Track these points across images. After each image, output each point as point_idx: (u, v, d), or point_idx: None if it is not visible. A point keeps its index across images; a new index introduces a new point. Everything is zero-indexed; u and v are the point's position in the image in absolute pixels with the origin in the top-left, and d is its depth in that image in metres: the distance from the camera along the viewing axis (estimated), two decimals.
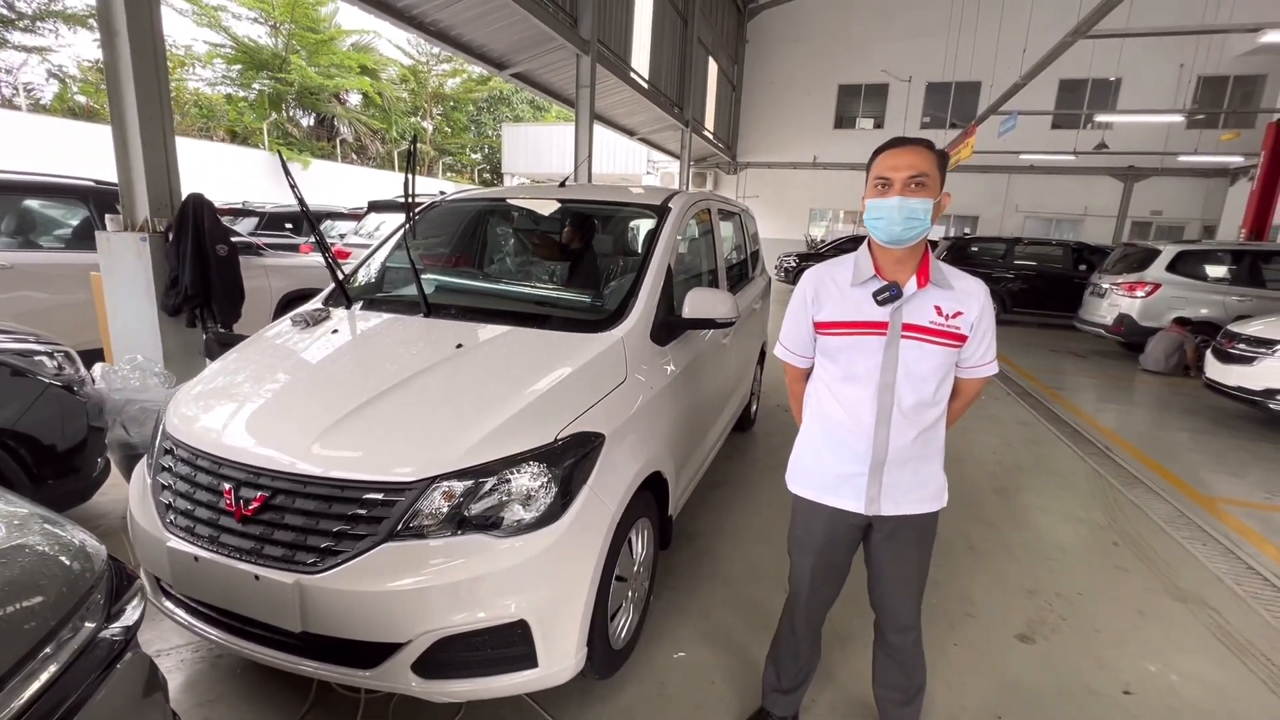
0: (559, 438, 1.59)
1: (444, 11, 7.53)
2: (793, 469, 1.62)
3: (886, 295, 1.39)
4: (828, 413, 1.50)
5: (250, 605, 1.48)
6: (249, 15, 19.51)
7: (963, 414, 1.60)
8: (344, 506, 1.45)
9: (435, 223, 3.06)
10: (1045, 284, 11.08)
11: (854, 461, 1.47)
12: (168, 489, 1.63)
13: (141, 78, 3.40)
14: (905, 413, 1.42)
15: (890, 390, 1.42)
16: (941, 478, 1.53)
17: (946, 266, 1.45)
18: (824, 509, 1.53)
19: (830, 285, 1.48)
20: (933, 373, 1.42)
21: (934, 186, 1.36)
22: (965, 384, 1.52)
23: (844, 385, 1.47)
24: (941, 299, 1.41)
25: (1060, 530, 3.20)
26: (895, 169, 1.35)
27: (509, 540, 1.47)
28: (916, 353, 1.40)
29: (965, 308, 1.41)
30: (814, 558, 1.58)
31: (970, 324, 1.41)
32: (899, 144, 1.38)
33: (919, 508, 1.49)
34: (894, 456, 1.44)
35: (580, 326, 2.06)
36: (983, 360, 1.48)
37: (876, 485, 1.46)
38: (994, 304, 7.57)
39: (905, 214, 1.34)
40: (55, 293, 4.21)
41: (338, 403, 1.63)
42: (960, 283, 1.44)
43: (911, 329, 1.40)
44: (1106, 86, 17.14)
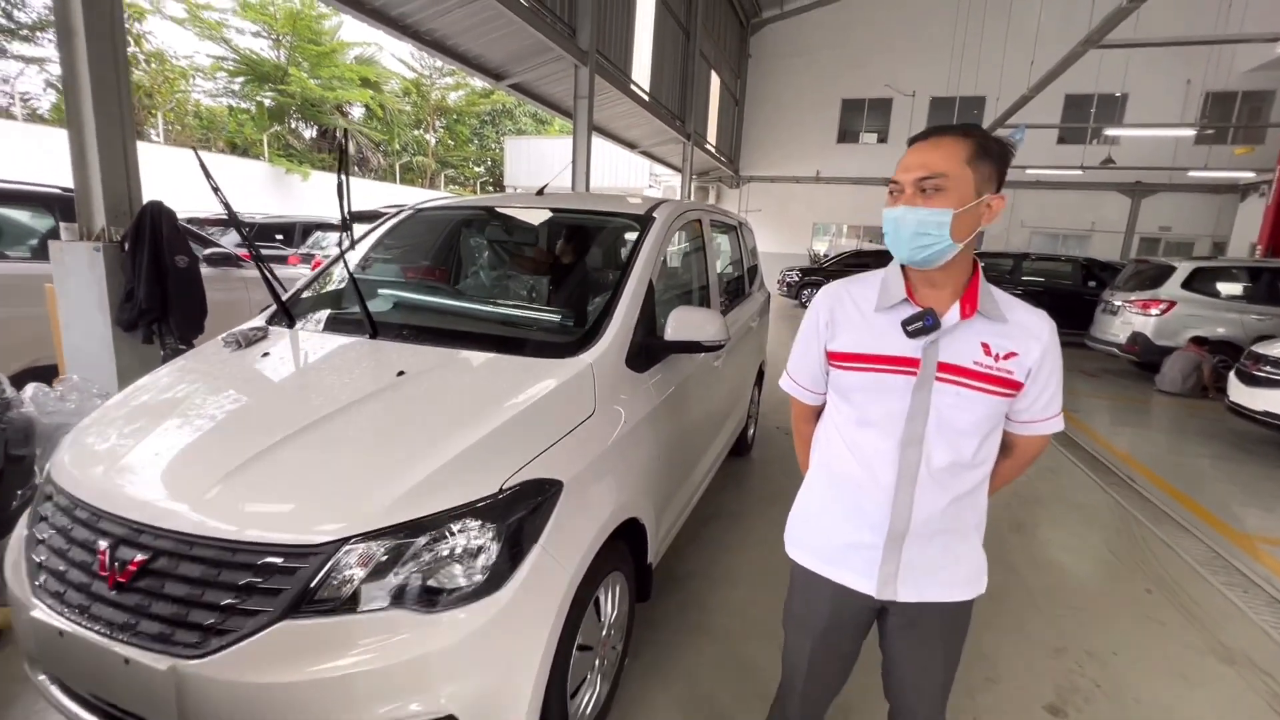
0: (504, 487, 1.32)
1: (440, 21, 7.38)
2: (792, 530, 1.33)
3: (919, 325, 1.09)
4: (838, 465, 1.21)
5: (120, 695, 1.22)
6: (251, 29, 19.59)
7: (1014, 478, 1.29)
8: (235, 574, 1.18)
9: (407, 233, 2.83)
10: (1054, 301, 10.77)
11: (868, 529, 1.17)
12: (42, 543, 1.38)
13: (99, 78, 3.19)
14: (935, 474, 1.12)
15: (918, 445, 1.12)
16: (979, 558, 1.21)
17: (1003, 294, 1.14)
18: (828, 584, 1.24)
19: (849, 307, 1.19)
20: (974, 427, 1.11)
21: (957, 190, 1.05)
22: (1021, 442, 1.21)
23: (859, 432, 1.17)
24: (991, 334, 1.10)
25: (1086, 574, 2.91)
26: (905, 169, 1.09)
27: (439, 616, 1.20)
28: (954, 400, 1.10)
29: (1022, 348, 1.10)
30: (814, 640, 1.29)
31: (1028, 369, 1.10)
32: (925, 136, 1.10)
33: (947, 594, 1.18)
34: (918, 528, 1.14)
35: (545, 350, 1.81)
36: (1044, 414, 1.16)
37: (893, 562, 1.16)
38: None
39: (912, 227, 1.06)
40: (14, 305, 3.97)
41: (246, 443, 1.37)
42: (1018, 315, 1.12)
43: (950, 370, 1.10)
44: (1113, 102, 16.96)
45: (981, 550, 1.22)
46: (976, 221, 1.07)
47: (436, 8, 6.96)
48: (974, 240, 1.09)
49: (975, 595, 1.20)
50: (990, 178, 1.07)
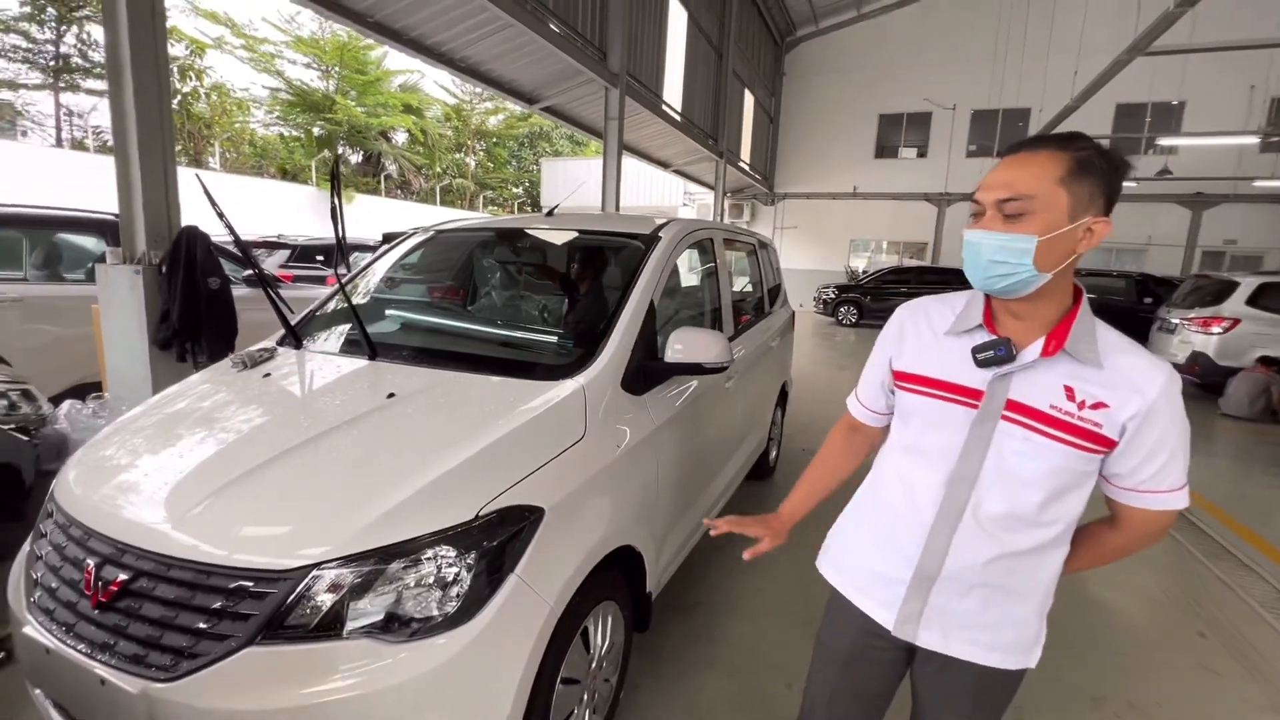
0: (480, 514, 1.29)
1: (473, 48, 7.61)
2: (828, 545, 1.26)
3: (990, 355, 0.98)
4: (884, 490, 1.14)
5: (97, 714, 1.23)
6: (303, 61, 20.66)
7: (1116, 559, 1.11)
8: (208, 597, 1.18)
9: (430, 254, 2.88)
10: (1106, 318, 10.17)
11: (898, 562, 1.08)
12: (40, 560, 1.41)
13: (144, 112, 3.38)
14: (984, 521, 1.00)
15: (968, 485, 1.01)
16: (1035, 628, 1.06)
17: (1109, 332, 0.99)
18: (855, 611, 1.16)
19: (922, 325, 1.11)
20: (1040, 479, 0.98)
21: (1047, 213, 0.92)
22: (1127, 513, 1.03)
23: (909, 460, 1.09)
24: (1079, 378, 0.96)
25: (1131, 614, 2.69)
26: (987, 187, 0.97)
27: (409, 645, 1.17)
28: (1020, 445, 0.97)
29: (1116, 399, 0.94)
30: (837, 671, 1.21)
31: (1122, 425, 0.94)
32: (1018, 148, 0.97)
33: (983, 656, 1.05)
34: (953, 574, 1.03)
35: (537, 373, 1.78)
36: (1154, 486, 0.97)
37: (917, 602, 1.06)
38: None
39: (989, 254, 0.95)
40: (66, 325, 4.22)
41: (230, 466, 1.38)
42: (1122, 360, 0.96)
43: (1019, 410, 0.98)
44: (1169, 110, 16.23)
45: (1041, 620, 1.07)
46: (1071, 249, 0.93)
47: (469, 36, 7.19)
48: (1068, 269, 0.96)
49: (1019, 667, 1.07)
50: (1094, 198, 0.93)
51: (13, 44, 15.63)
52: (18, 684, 1.88)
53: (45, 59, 16.13)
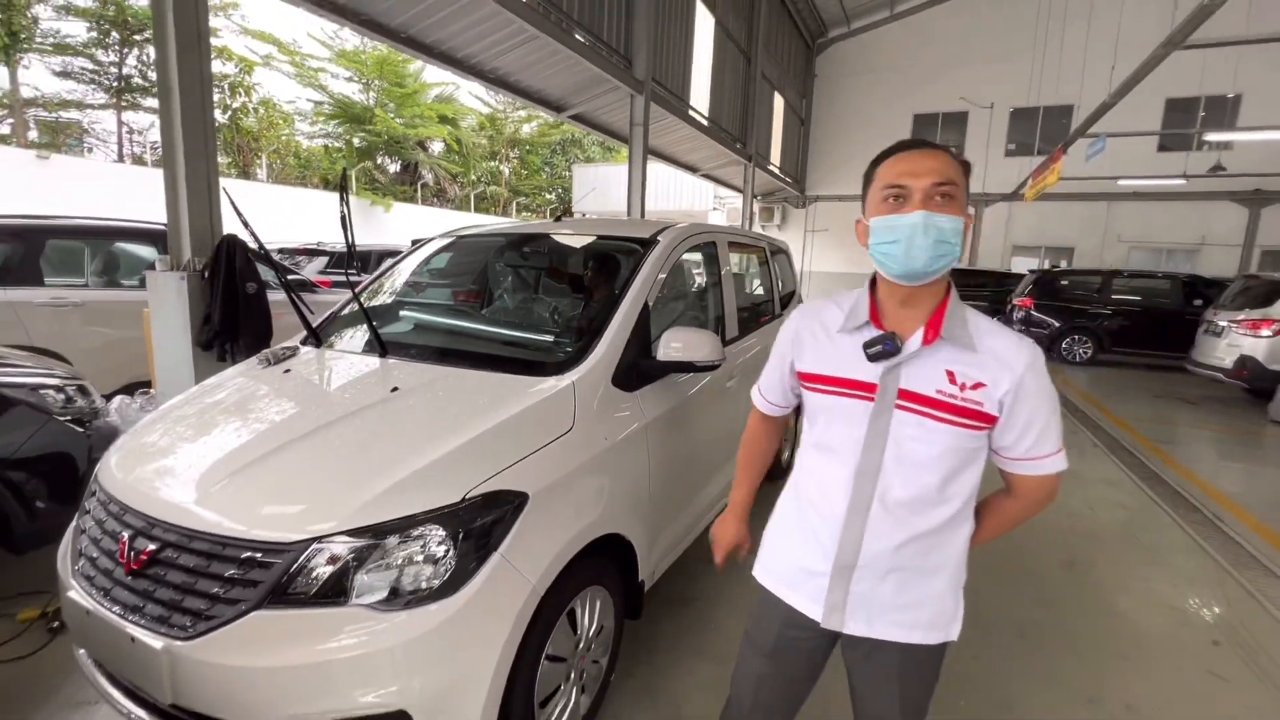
0: (467, 497, 1.40)
1: (501, 60, 7.85)
2: (761, 548, 1.32)
3: (879, 349, 1.04)
4: (803, 488, 1.20)
5: (127, 668, 1.38)
6: (344, 74, 21.51)
7: (1016, 524, 1.19)
8: (222, 566, 1.32)
9: (450, 258, 3.04)
10: (1150, 321, 9.89)
11: (819, 556, 1.14)
12: (84, 533, 1.58)
13: (190, 128, 3.64)
14: (891, 508, 1.07)
15: (873, 476, 1.07)
16: (951, 603, 1.12)
17: (978, 317, 1.08)
18: (780, 604, 1.22)
19: (816, 327, 1.18)
20: (937, 460, 1.05)
21: (963, 202, 1.03)
22: (1016, 482, 1.13)
23: (820, 457, 1.16)
24: (958, 362, 1.04)
25: (1143, 619, 2.64)
26: (914, 174, 1.01)
27: (395, 615, 1.29)
28: (915, 430, 1.05)
29: (991, 378, 1.03)
30: (764, 663, 1.27)
31: (999, 401, 1.03)
32: (916, 146, 1.04)
33: (904, 635, 1.11)
34: (869, 561, 1.09)
35: (531, 369, 1.89)
36: (1035, 452, 1.06)
37: (840, 592, 1.12)
38: (1089, 343, 6.70)
39: (933, 235, 0.99)
40: (120, 328, 4.55)
41: (246, 451, 1.53)
42: (992, 342, 1.05)
43: (911, 398, 1.05)
44: (1223, 104, 15.51)
45: (956, 595, 1.13)
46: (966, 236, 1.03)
47: (498, 48, 7.42)
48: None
49: (940, 641, 1.13)
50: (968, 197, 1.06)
51: (81, 67, 16.76)
52: (71, 650, 2.08)
53: (109, 80, 17.22)
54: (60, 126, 17.60)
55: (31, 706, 1.88)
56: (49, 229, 4.61)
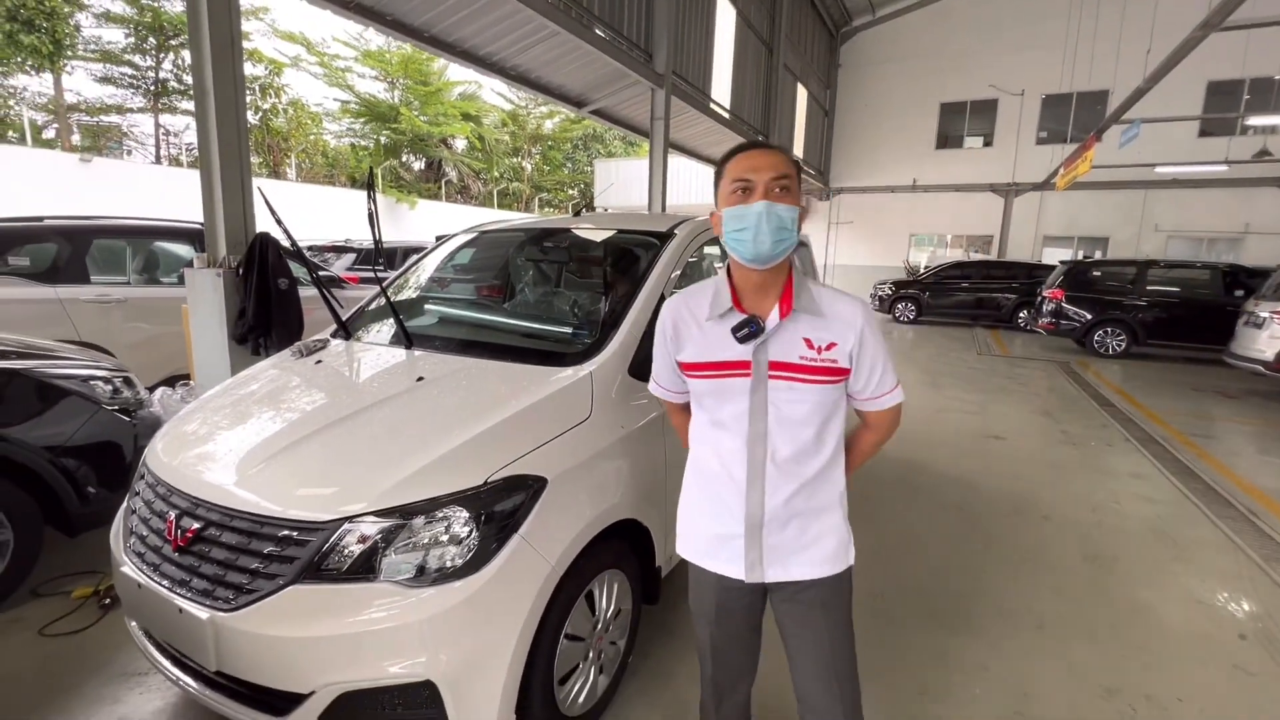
0: (489, 480, 1.47)
1: (522, 57, 7.92)
2: (678, 526, 1.42)
3: (746, 331, 1.19)
4: (703, 463, 1.32)
5: (176, 638, 1.48)
6: (370, 74, 21.89)
7: (875, 451, 1.40)
8: (261, 544, 1.41)
9: (474, 254, 3.12)
10: (1188, 313, 9.59)
11: (730, 520, 1.27)
12: (134, 513, 1.69)
13: (224, 130, 3.78)
14: (781, 465, 1.22)
15: (762, 440, 1.22)
16: (842, 533, 1.30)
17: (819, 287, 1.26)
18: (709, 575, 1.34)
19: (688, 318, 1.29)
20: (809, 416, 1.22)
21: (797, 194, 1.20)
22: (871, 417, 1.34)
23: (714, 432, 1.28)
24: (811, 329, 1.21)
25: (1167, 613, 2.61)
26: (756, 169, 1.17)
27: (421, 591, 1.36)
28: (788, 394, 1.21)
29: (839, 337, 1.21)
30: (711, 627, 1.39)
31: (849, 354, 1.21)
32: (756, 146, 1.21)
33: (815, 571, 1.27)
34: (773, 514, 1.24)
35: (551, 360, 1.95)
36: (881, 390, 1.27)
37: (756, 548, 1.26)
38: (1122, 336, 6.59)
39: (774, 222, 1.15)
40: (160, 324, 4.74)
41: (282, 437, 1.62)
42: (835, 306, 1.23)
43: (780, 367, 1.20)
44: (1269, 86, 14.89)
45: (844, 526, 1.30)
46: (802, 222, 1.23)
47: (518, 45, 7.49)
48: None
49: (844, 569, 1.30)
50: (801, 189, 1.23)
51: (120, 72, 17.34)
52: (121, 625, 2.21)
53: (147, 84, 17.79)
54: (101, 130, 18.25)
55: (85, 677, 2.01)
56: (94, 229, 4.82)
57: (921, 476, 4.14)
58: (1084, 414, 6.08)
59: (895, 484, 3.97)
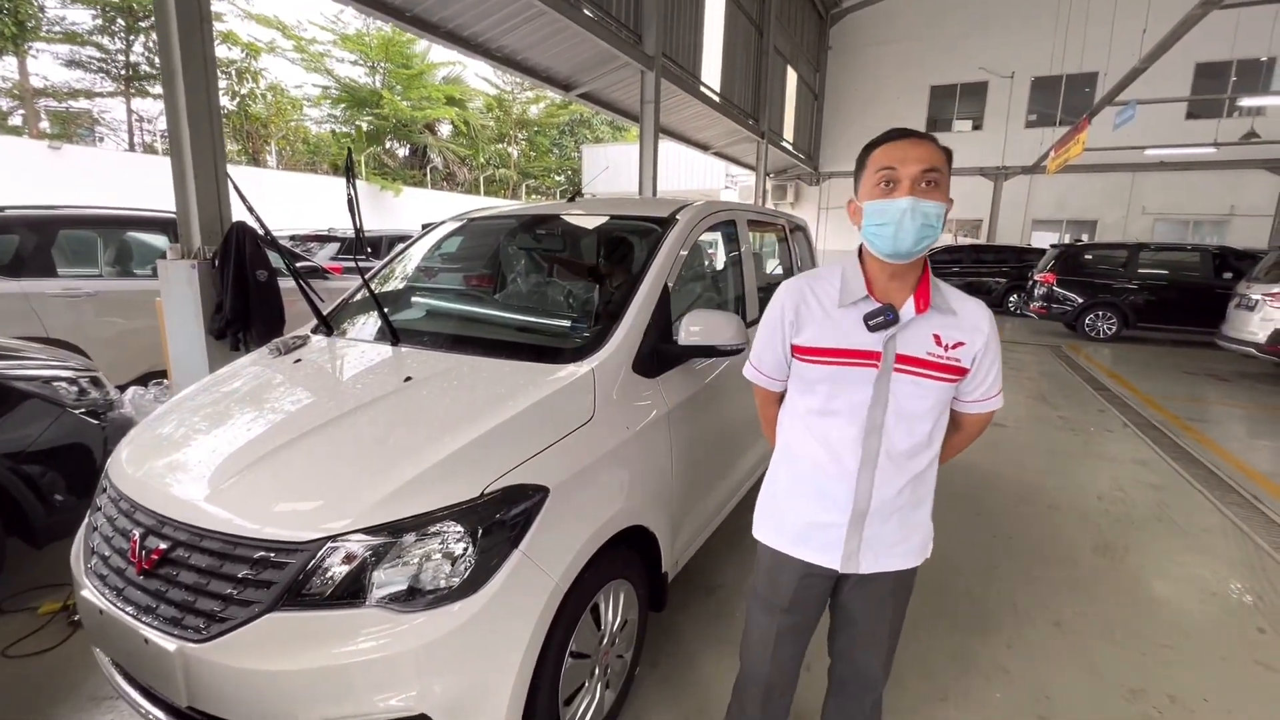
0: (485, 492, 1.34)
1: (508, 37, 7.67)
2: (760, 513, 1.41)
3: (881, 320, 1.17)
4: (803, 450, 1.30)
5: (142, 670, 1.34)
6: (349, 58, 21.31)
7: (961, 450, 1.40)
8: (235, 566, 1.27)
9: (460, 242, 2.96)
10: (1178, 295, 9.61)
11: (834, 510, 1.26)
12: (96, 530, 1.55)
13: (195, 113, 3.57)
14: (895, 458, 1.22)
15: (879, 432, 1.21)
16: (928, 527, 1.33)
17: (945, 286, 1.24)
18: (795, 562, 1.33)
19: (813, 303, 1.26)
20: (928, 412, 1.21)
21: (946, 188, 1.15)
22: (968, 420, 1.33)
23: (823, 421, 1.26)
24: (942, 326, 1.20)
25: (1183, 607, 2.55)
26: (904, 161, 1.12)
27: (413, 616, 1.23)
28: (911, 389, 1.19)
29: (968, 338, 1.20)
30: (779, 618, 1.39)
31: (973, 357, 1.21)
32: (906, 134, 1.16)
33: (902, 563, 1.30)
34: (878, 507, 1.24)
35: (548, 356, 1.82)
36: (988, 394, 1.27)
37: (856, 539, 1.26)
38: (1113, 319, 6.64)
39: (919, 219, 1.11)
40: (134, 318, 4.53)
41: (257, 446, 1.47)
42: (963, 307, 1.22)
43: (907, 361, 1.19)
44: (1256, 68, 14.93)
45: (930, 520, 1.32)
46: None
47: (504, 25, 7.24)
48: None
49: (922, 561, 1.33)
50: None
51: (89, 55, 16.71)
52: (89, 645, 2.07)
53: (116, 68, 17.17)
54: (71, 116, 17.62)
55: (54, 701, 1.87)
56: (60, 219, 4.59)
57: None
58: (1080, 399, 6.05)
59: None
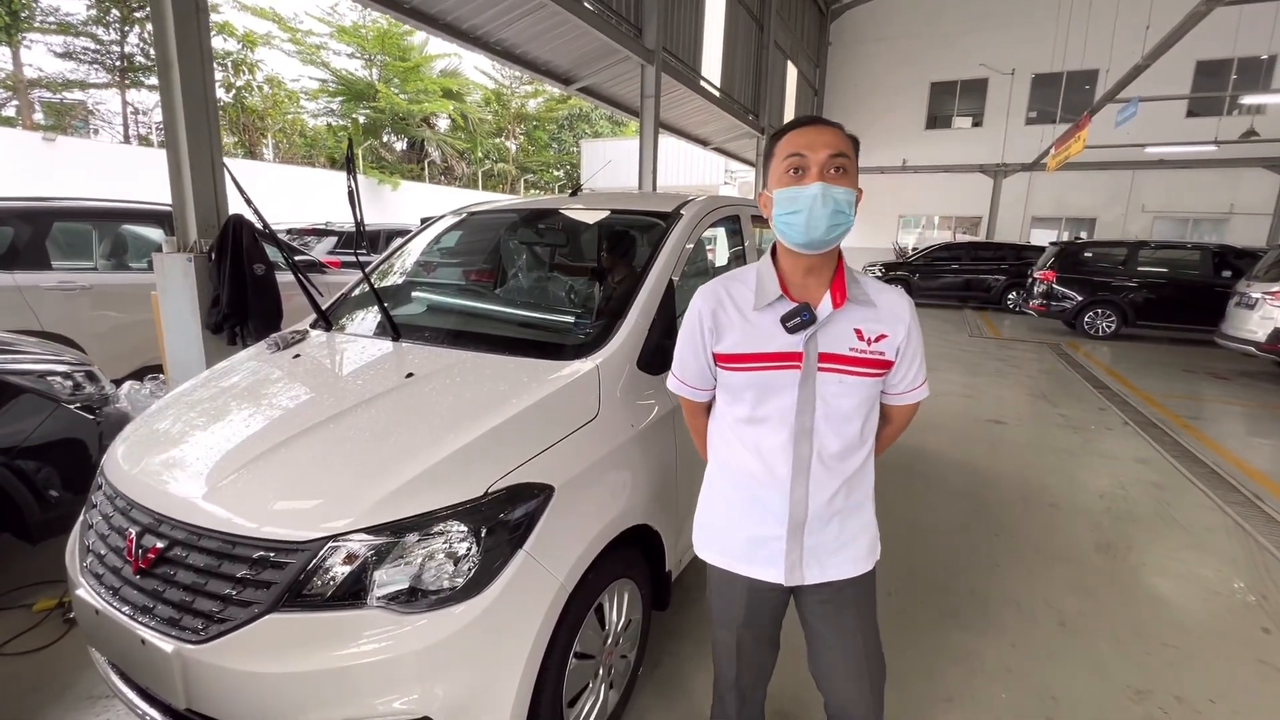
0: (489, 491, 1.31)
1: (507, 30, 7.62)
2: (700, 530, 1.35)
3: (798, 321, 1.12)
4: (735, 462, 1.25)
5: (139, 671, 1.32)
6: (346, 51, 21.14)
7: (892, 443, 1.37)
8: (234, 566, 1.25)
9: (460, 236, 2.92)
10: (1178, 294, 9.61)
11: (770, 522, 1.21)
12: (91, 528, 1.52)
13: (191, 104, 3.52)
14: (827, 462, 1.17)
15: (809, 436, 1.16)
16: (873, 529, 1.27)
17: (862, 277, 1.20)
18: (740, 579, 1.29)
19: (730, 307, 1.20)
20: (856, 410, 1.17)
21: (855, 175, 1.12)
22: (895, 411, 1.30)
23: (752, 429, 1.21)
24: (863, 319, 1.15)
25: (1187, 606, 2.54)
26: (812, 147, 1.08)
27: (418, 617, 1.21)
28: (837, 388, 1.15)
29: (890, 329, 1.16)
30: (737, 632, 1.35)
31: (897, 348, 1.17)
32: (813, 121, 1.13)
33: (849, 570, 1.24)
34: (816, 513, 1.19)
35: (552, 352, 1.79)
36: (913, 385, 1.24)
37: (797, 550, 1.21)
38: (1113, 317, 6.60)
39: (830, 205, 1.07)
40: (130, 312, 4.49)
41: (256, 443, 1.44)
42: (883, 297, 1.18)
43: (830, 359, 1.14)
44: (1256, 66, 14.93)
45: (874, 521, 1.28)
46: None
47: (504, 18, 7.19)
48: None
49: (874, 563, 1.28)
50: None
51: (82, 46, 16.55)
52: (85, 642, 2.04)
53: (111, 59, 17.02)
54: (65, 108, 17.47)
55: (49, 700, 1.84)
56: (54, 211, 4.53)
57: (925, 464, 4.05)
58: (1080, 397, 6.04)
59: (900, 472, 3.87)
